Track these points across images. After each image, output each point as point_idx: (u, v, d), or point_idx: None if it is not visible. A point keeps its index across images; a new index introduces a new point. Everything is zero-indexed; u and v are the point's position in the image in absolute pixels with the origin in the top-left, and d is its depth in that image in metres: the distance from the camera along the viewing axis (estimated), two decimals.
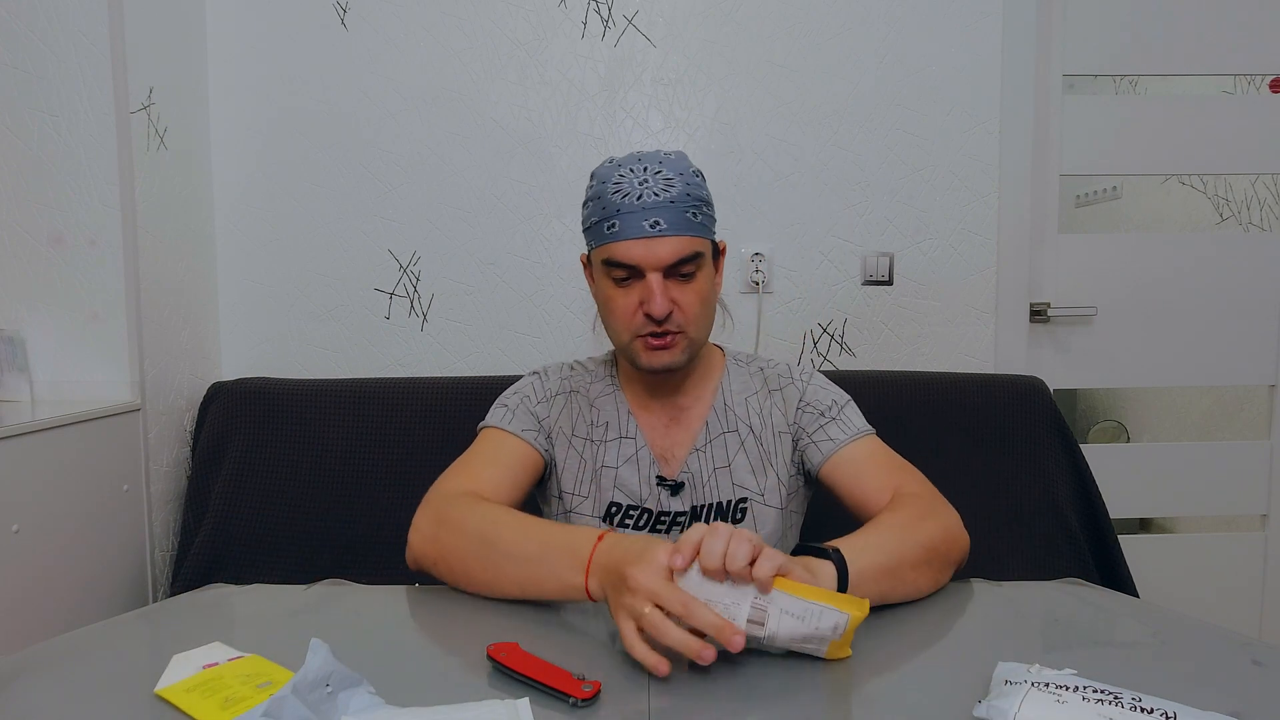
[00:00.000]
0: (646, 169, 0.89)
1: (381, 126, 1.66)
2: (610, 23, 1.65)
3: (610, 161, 0.93)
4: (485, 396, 1.06)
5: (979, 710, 0.53)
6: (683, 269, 0.89)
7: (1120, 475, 1.76)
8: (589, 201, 0.93)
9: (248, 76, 1.64)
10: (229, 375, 1.67)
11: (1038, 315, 1.73)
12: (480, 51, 1.65)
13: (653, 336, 0.90)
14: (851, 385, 1.09)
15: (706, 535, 0.62)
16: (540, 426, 0.99)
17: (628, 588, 0.62)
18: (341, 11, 1.64)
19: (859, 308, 1.70)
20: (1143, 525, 2.21)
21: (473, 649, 0.65)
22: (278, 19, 1.64)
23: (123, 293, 1.38)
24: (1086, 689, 0.52)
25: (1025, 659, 0.59)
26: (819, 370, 1.18)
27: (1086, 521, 1.47)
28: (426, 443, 1.47)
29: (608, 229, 0.89)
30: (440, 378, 1.54)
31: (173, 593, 1.43)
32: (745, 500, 0.97)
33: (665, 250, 0.88)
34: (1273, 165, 1.76)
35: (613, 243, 0.89)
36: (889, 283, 1.69)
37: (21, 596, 1.16)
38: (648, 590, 0.61)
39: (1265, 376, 1.79)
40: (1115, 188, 2.36)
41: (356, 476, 1.47)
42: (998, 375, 1.55)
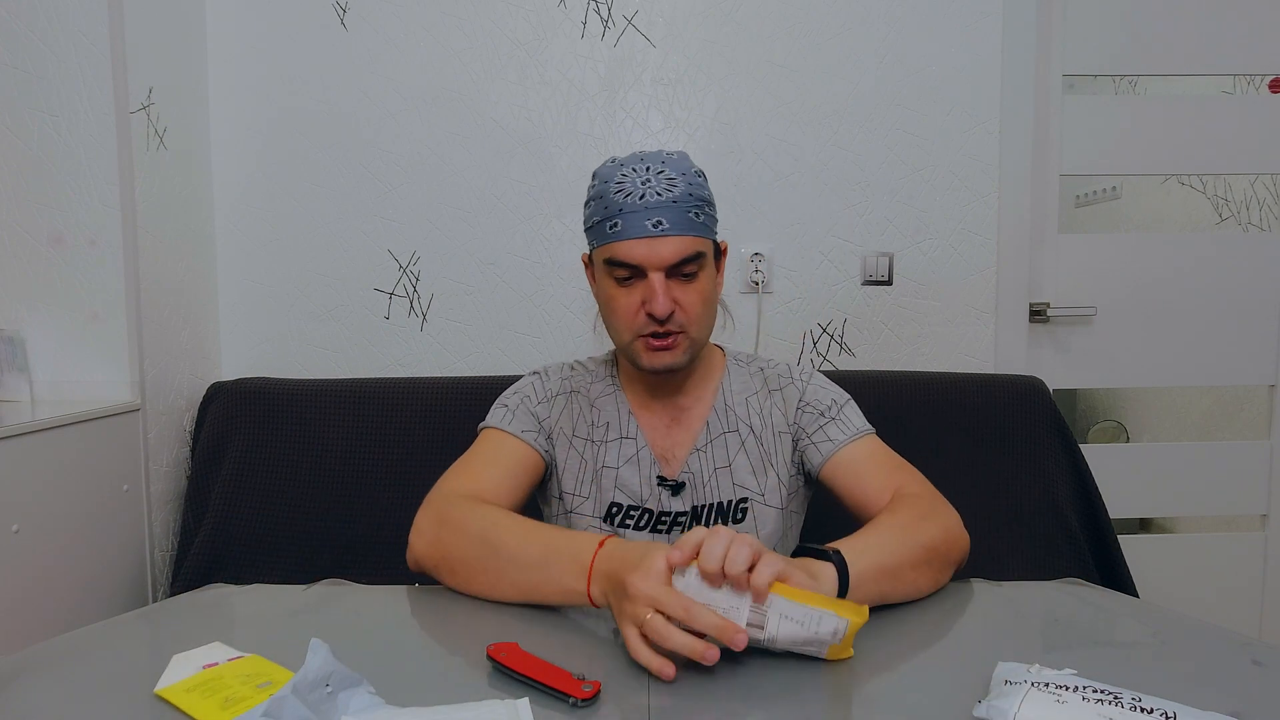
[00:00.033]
0: (649, 168, 0.89)
1: (381, 126, 1.66)
2: (610, 23, 1.65)
3: (613, 161, 0.92)
4: (485, 396, 1.06)
5: (979, 710, 0.53)
6: (685, 269, 0.89)
7: (1120, 475, 1.76)
8: (591, 201, 0.93)
9: (248, 76, 1.64)
10: (229, 375, 1.67)
11: (1037, 315, 1.73)
12: (480, 51, 1.65)
13: (654, 336, 0.90)
14: (851, 385, 1.09)
15: (707, 538, 0.62)
16: (541, 427, 0.98)
17: (628, 595, 0.62)
18: (341, 11, 1.64)
19: (859, 308, 1.70)
20: (1143, 525, 2.21)
21: (473, 649, 0.65)
22: (278, 19, 1.64)
23: (123, 293, 1.38)
24: (1086, 689, 0.52)
25: (1025, 659, 0.59)
26: (819, 370, 1.18)
27: (1086, 521, 1.47)
28: (426, 443, 1.47)
29: (610, 228, 0.89)
30: (440, 378, 1.54)
31: (173, 593, 1.43)
32: (746, 500, 0.97)
33: (668, 250, 0.87)
34: (1273, 165, 1.76)
35: (615, 242, 0.89)
36: (889, 283, 1.69)
37: (21, 596, 1.16)
38: (648, 596, 0.61)
39: (1265, 376, 1.79)
40: (1115, 188, 2.36)
41: (356, 476, 1.47)
42: (998, 375, 1.55)
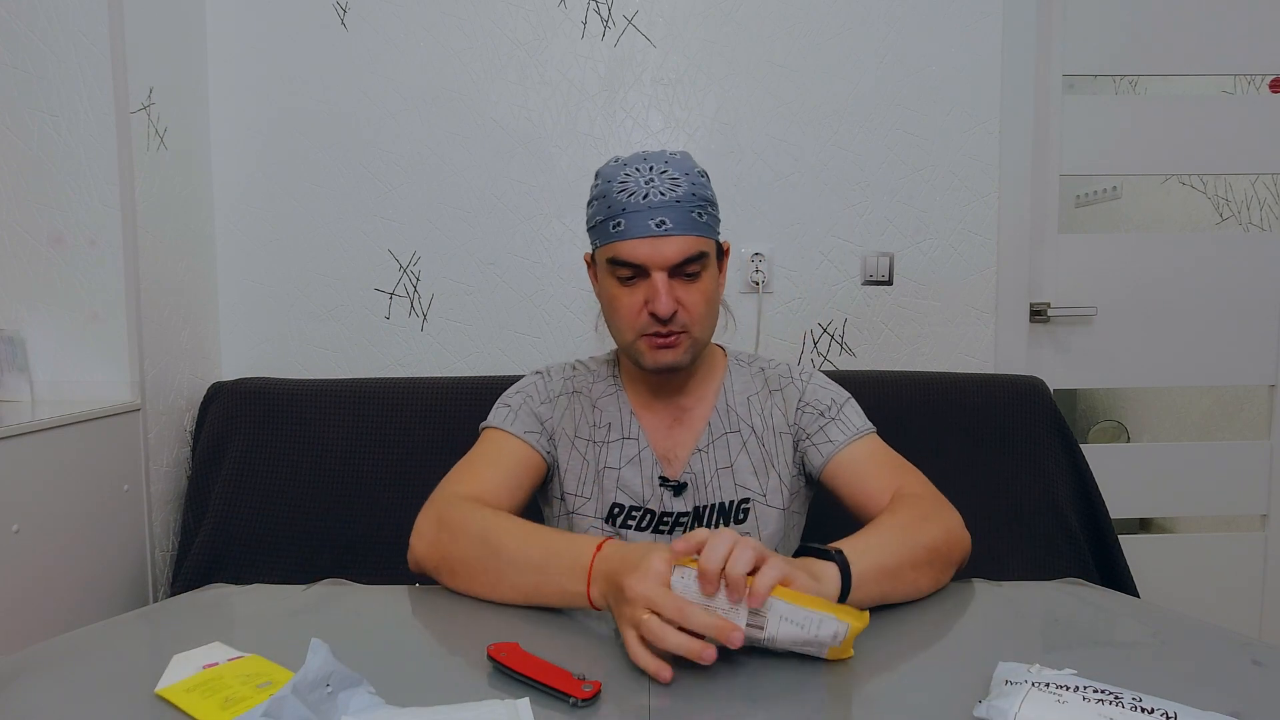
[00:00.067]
0: (652, 168, 0.89)
1: (381, 126, 1.66)
2: (610, 23, 1.65)
3: (616, 161, 0.92)
4: (485, 396, 1.06)
5: (979, 710, 0.53)
6: (688, 269, 0.89)
7: (1120, 475, 1.76)
8: (594, 200, 0.92)
9: (248, 76, 1.64)
10: (229, 375, 1.67)
11: (1038, 315, 1.73)
12: (480, 51, 1.65)
13: (657, 336, 0.90)
14: (851, 385, 1.09)
15: (711, 538, 0.62)
16: (543, 428, 0.98)
17: (625, 597, 0.62)
18: (341, 11, 1.64)
19: (859, 308, 1.70)
20: (1143, 525, 2.21)
21: (473, 649, 0.65)
22: (278, 19, 1.64)
23: (123, 293, 1.38)
24: (1086, 689, 0.52)
25: (1025, 659, 0.59)
26: (819, 370, 1.18)
27: (1086, 521, 1.47)
28: (426, 443, 1.47)
29: (613, 228, 0.89)
30: (440, 378, 1.54)
31: (173, 593, 1.43)
32: (748, 501, 0.97)
33: (671, 250, 0.87)
34: (1273, 165, 1.76)
35: (618, 241, 0.89)
36: (889, 283, 1.69)
37: (21, 596, 1.16)
38: (644, 598, 0.61)
39: (1265, 376, 1.79)
40: (1115, 188, 2.36)
41: (356, 476, 1.47)
42: (998, 375, 1.55)
